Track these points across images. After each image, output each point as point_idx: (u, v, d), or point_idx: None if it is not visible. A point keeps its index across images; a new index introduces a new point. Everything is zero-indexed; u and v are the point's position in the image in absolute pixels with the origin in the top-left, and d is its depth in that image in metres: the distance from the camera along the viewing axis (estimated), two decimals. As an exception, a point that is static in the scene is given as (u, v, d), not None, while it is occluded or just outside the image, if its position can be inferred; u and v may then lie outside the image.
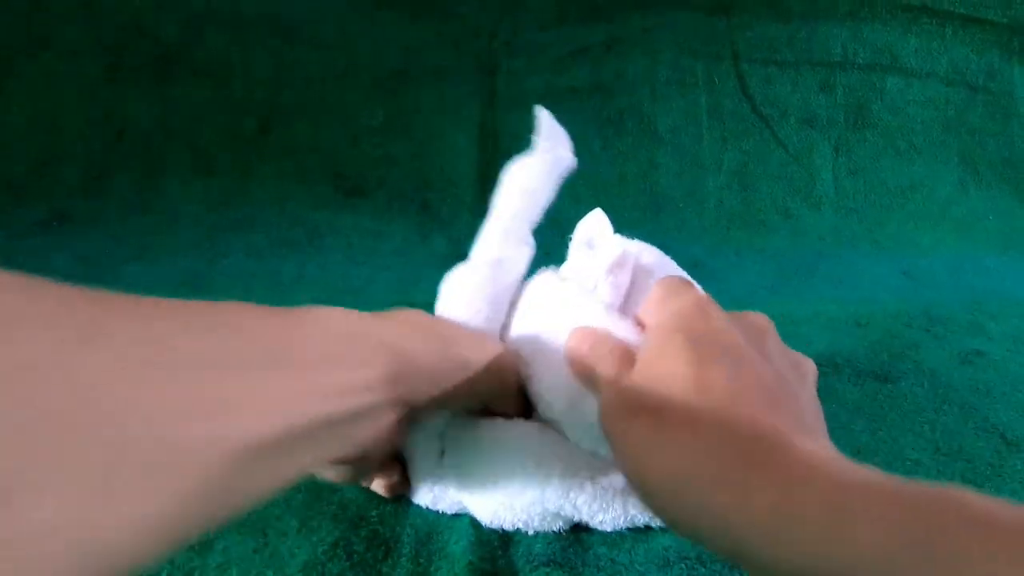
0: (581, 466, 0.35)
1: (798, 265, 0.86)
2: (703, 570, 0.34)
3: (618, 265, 0.35)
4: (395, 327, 0.30)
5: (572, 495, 0.35)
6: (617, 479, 0.36)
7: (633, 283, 0.36)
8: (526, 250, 0.38)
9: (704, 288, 0.34)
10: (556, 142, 0.39)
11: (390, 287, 0.37)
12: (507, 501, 0.35)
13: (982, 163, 0.98)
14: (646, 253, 0.37)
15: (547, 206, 0.39)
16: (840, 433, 0.47)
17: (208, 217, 0.88)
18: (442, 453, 0.38)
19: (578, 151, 0.38)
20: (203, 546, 0.35)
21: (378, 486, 0.39)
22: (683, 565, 0.34)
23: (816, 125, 0.96)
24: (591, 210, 0.39)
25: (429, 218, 0.83)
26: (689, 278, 0.35)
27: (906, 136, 0.97)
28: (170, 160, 0.92)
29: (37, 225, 0.85)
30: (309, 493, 0.40)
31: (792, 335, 0.64)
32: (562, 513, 0.36)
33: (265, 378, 0.21)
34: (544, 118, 0.39)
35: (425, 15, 0.92)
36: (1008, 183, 0.98)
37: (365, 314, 0.29)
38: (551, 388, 0.35)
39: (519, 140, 0.96)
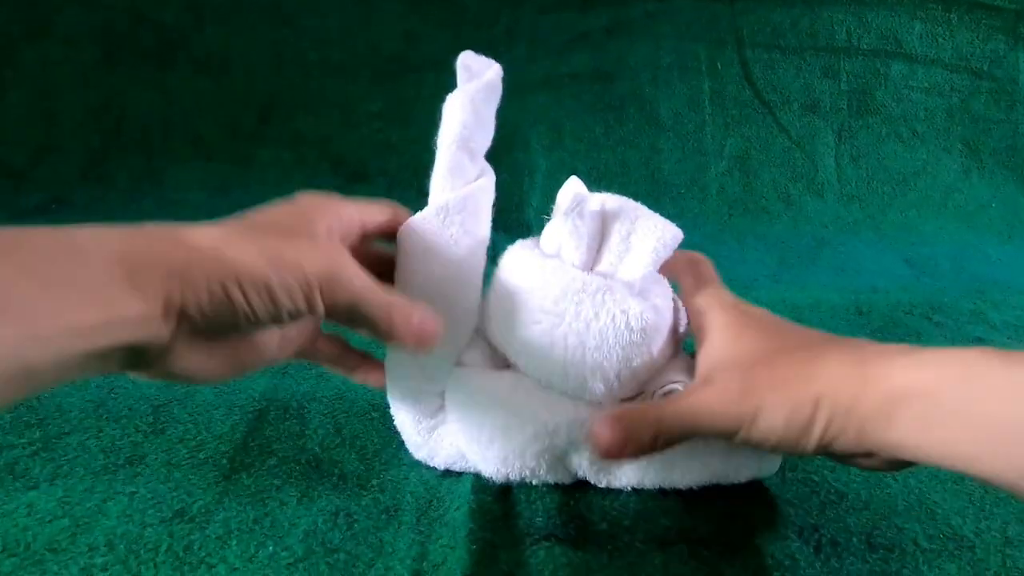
0: (586, 418, 0.36)
1: (800, 252, 0.85)
2: (705, 552, 0.34)
3: (572, 209, 0.35)
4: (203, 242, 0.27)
5: (579, 444, 0.36)
6: None
7: (604, 232, 0.37)
8: (482, 180, 0.37)
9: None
10: (476, 71, 0.37)
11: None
12: (517, 449, 0.36)
13: (986, 150, 0.98)
14: (610, 199, 0.37)
15: (486, 133, 0.37)
16: (841, 419, 0.47)
17: (208, 204, 0.88)
18: (441, 408, 0.39)
19: (579, 137, 0.38)
20: (203, 518, 0.36)
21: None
22: (684, 545, 0.35)
23: (819, 111, 0.95)
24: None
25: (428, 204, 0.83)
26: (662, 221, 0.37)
27: (909, 123, 0.96)
28: (170, 147, 0.92)
29: (36, 211, 0.85)
30: (309, 464, 0.40)
31: (793, 322, 0.65)
32: (567, 462, 0.37)
33: None
34: (461, 59, 0.37)
35: (425, 2, 0.91)
36: (1012, 171, 0.97)
37: (157, 233, 0.27)
38: (527, 366, 0.37)
39: (518, 126, 0.96)
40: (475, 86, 0.35)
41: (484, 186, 0.36)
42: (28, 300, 0.22)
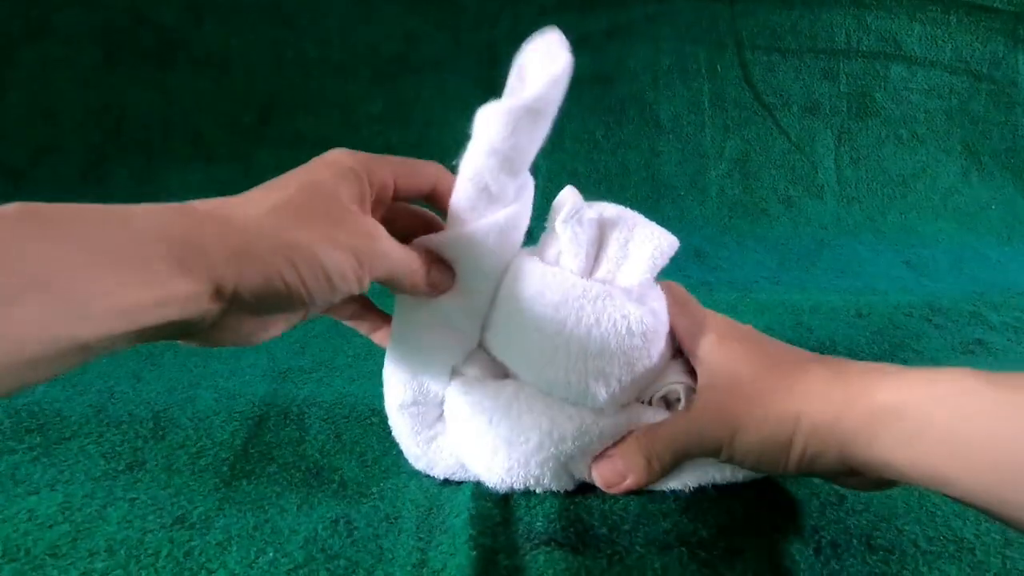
0: (590, 424, 0.36)
1: (800, 254, 0.86)
2: (704, 554, 0.34)
3: (571, 217, 0.35)
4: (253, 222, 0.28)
5: (584, 451, 0.37)
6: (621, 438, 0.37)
7: (602, 240, 0.37)
8: (499, 216, 0.34)
9: (705, 277, 0.35)
10: (531, 72, 0.33)
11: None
12: (522, 459, 0.36)
13: (985, 152, 0.98)
14: (608, 208, 0.37)
15: (521, 157, 0.34)
16: (841, 423, 0.47)
17: (208, 206, 0.88)
18: (439, 418, 0.39)
19: (579, 140, 0.38)
20: (203, 524, 0.36)
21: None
22: (683, 549, 0.35)
23: (819, 113, 0.95)
24: (592, 200, 0.39)
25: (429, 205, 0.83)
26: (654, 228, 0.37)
27: (909, 125, 0.96)
28: (169, 149, 0.92)
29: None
30: (309, 471, 0.40)
31: (793, 324, 0.65)
32: (572, 468, 0.38)
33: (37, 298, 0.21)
34: (522, 55, 0.33)
35: (425, 4, 0.91)
36: (1011, 172, 0.97)
37: (206, 210, 0.27)
38: (529, 374, 0.37)
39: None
40: (501, 110, 0.32)
41: (502, 225, 0.34)
42: (81, 278, 0.22)
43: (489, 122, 0.32)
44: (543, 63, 0.33)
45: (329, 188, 0.31)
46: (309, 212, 0.29)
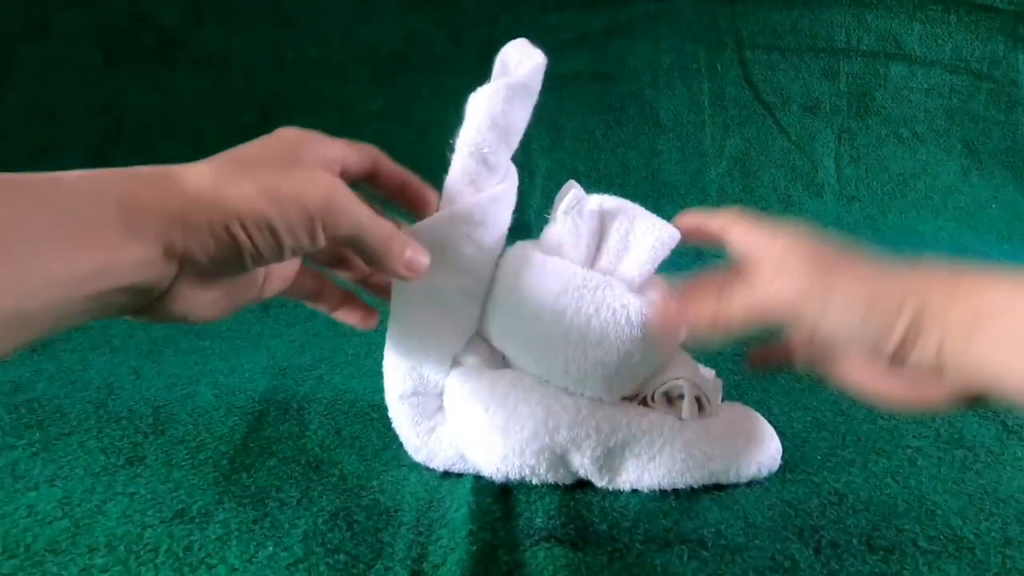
0: (587, 416, 0.36)
1: (799, 253, 0.85)
2: (704, 552, 0.34)
3: (572, 208, 0.35)
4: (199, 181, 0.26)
5: (579, 442, 0.36)
6: (619, 434, 0.37)
7: (603, 231, 0.37)
8: (496, 190, 0.35)
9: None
10: (513, 65, 0.36)
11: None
12: (517, 448, 0.36)
13: (985, 151, 0.98)
14: (609, 200, 0.37)
15: (511, 136, 0.35)
16: (841, 420, 0.47)
17: (208, 205, 0.88)
18: (439, 408, 0.39)
19: (579, 138, 0.38)
20: (202, 518, 0.36)
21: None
22: (683, 546, 0.35)
23: (819, 112, 0.95)
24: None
25: (429, 206, 0.83)
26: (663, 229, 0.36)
27: (909, 124, 0.96)
28: (169, 148, 0.92)
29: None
30: (308, 465, 0.40)
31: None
32: (568, 461, 0.37)
33: None
34: (502, 53, 0.35)
35: (424, 3, 0.91)
36: (1011, 171, 0.97)
37: (149, 174, 0.26)
38: (528, 363, 0.37)
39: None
40: (498, 85, 0.34)
41: (497, 197, 0.35)
42: (24, 245, 0.21)
43: (490, 96, 0.33)
44: (523, 56, 0.35)
45: (278, 147, 0.30)
46: (256, 167, 0.28)
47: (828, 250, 0.31)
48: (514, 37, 0.36)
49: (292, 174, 0.28)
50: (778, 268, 0.31)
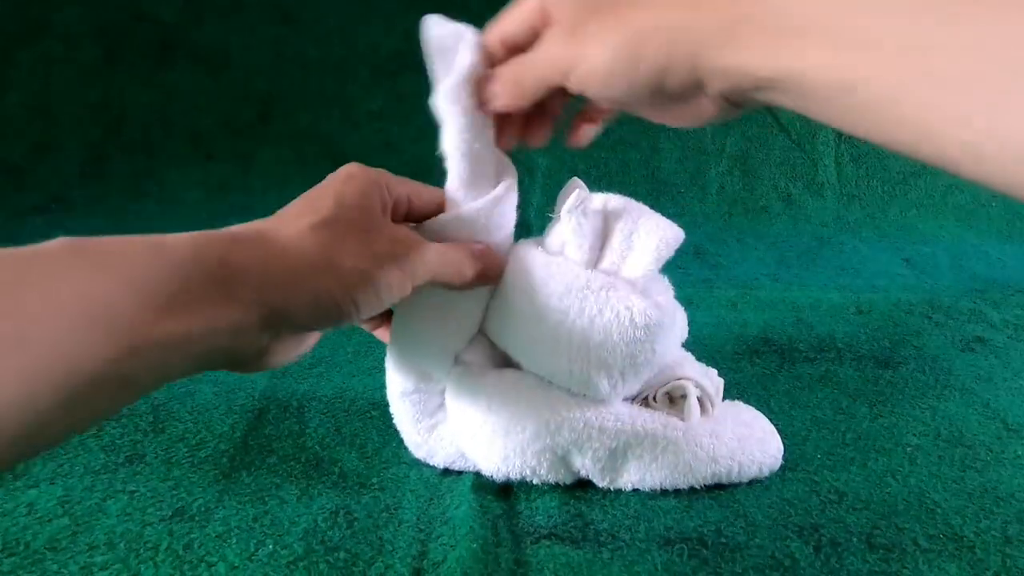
0: (589, 417, 0.36)
1: (800, 251, 0.85)
2: (705, 551, 0.34)
3: (576, 207, 0.35)
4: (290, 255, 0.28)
5: (581, 443, 0.36)
6: (622, 436, 0.36)
7: (607, 231, 0.37)
8: (498, 190, 0.36)
9: (706, 274, 0.35)
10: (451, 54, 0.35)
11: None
12: (518, 448, 0.36)
13: (985, 150, 0.97)
14: (613, 199, 0.37)
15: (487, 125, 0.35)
16: (841, 418, 0.47)
17: (207, 203, 0.88)
18: (440, 406, 0.39)
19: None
20: (203, 516, 0.36)
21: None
22: (684, 545, 0.35)
23: (819, 111, 0.95)
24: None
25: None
26: None
27: (909, 123, 0.96)
28: (169, 146, 0.92)
29: (35, 209, 0.85)
30: (308, 463, 0.40)
31: (793, 321, 0.65)
32: (569, 461, 0.37)
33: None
34: (431, 36, 0.36)
35: (425, 2, 0.91)
36: (1011, 170, 0.97)
37: (247, 238, 0.27)
38: (531, 363, 0.37)
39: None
40: (455, 83, 0.34)
41: (501, 197, 0.36)
42: (126, 312, 0.22)
43: (452, 94, 0.34)
44: (454, 38, 0.35)
45: (358, 200, 0.31)
46: (346, 226, 0.29)
47: None
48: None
49: (386, 236, 0.30)
50: (554, 23, 0.32)
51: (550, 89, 0.32)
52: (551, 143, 0.38)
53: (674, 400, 0.39)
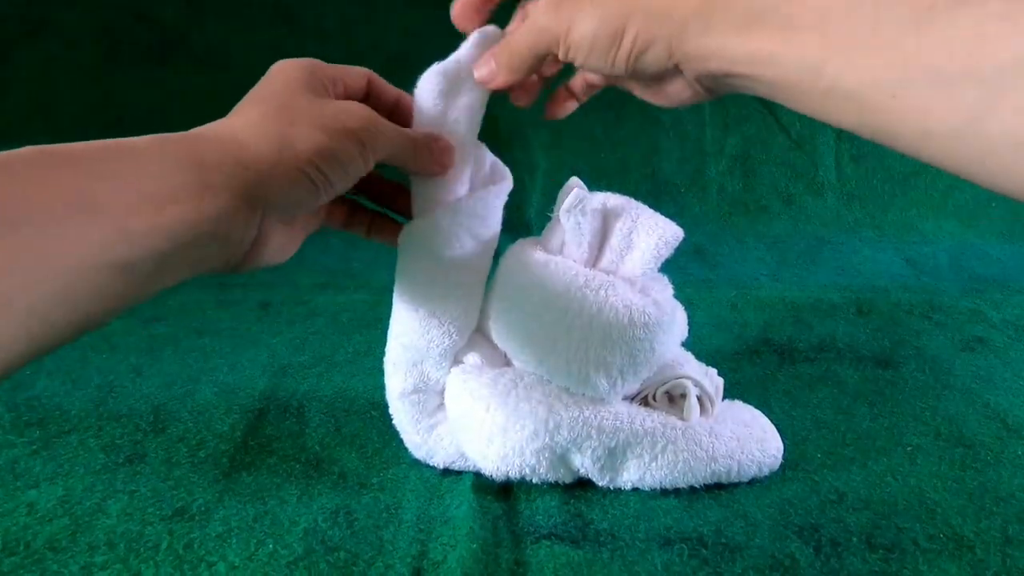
0: (588, 416, 0.36)
1: (800, 251, 0.85)
2: (704, 551, 0.34)
3: (575, 207, 0.35)
4: (245, 127, 0.29)
5: (580, 442, 0.36)
6: (621, 434, 0.37)
7: (606, 230, 0.37)
8: (495, 186, 0.36)
9: (706, 274, 0.35)
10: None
11: (390, 270, 0.37)
12: (517, 447, 0.36)
13: (986, 150, 0.97)
14: (612, 198, 0.37)
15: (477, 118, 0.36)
16: (841, 418, 0.47)
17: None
18: (440, 406, 0.39)
19: (579, 136, 0.38)
20: (203, 516, 0.36)
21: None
22: (684, 545, 0.35)
23: (819, 111, 0.95)
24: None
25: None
26: None
27: (910, 122, 0.96)
28: (170, 146, 0.92)
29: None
30: (309, 463, 0.40)
31: (793, 321, 0.65)
32: (569, 461, 0.37)
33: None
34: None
35: (425, 1, 0.91)
36: (1012, 170, 0.97)
37: (209, 133, 0.29)
38: (530, 362, 0.37)
39: (519, 125, 0.96)
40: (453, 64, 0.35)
41: (496, 191, 0.36)
42: (108, 203, 0.23)
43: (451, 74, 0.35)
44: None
45: (297, 85, 0.32)
46: (293, 111, 0.30)
47: None
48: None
49: (331, 109, 0.31)
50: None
51: (541, 58, 0.33)
52: (551, 143, 0.38)
53: (673, 399, 0.39)
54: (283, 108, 0.30)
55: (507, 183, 0.37)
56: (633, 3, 0.29)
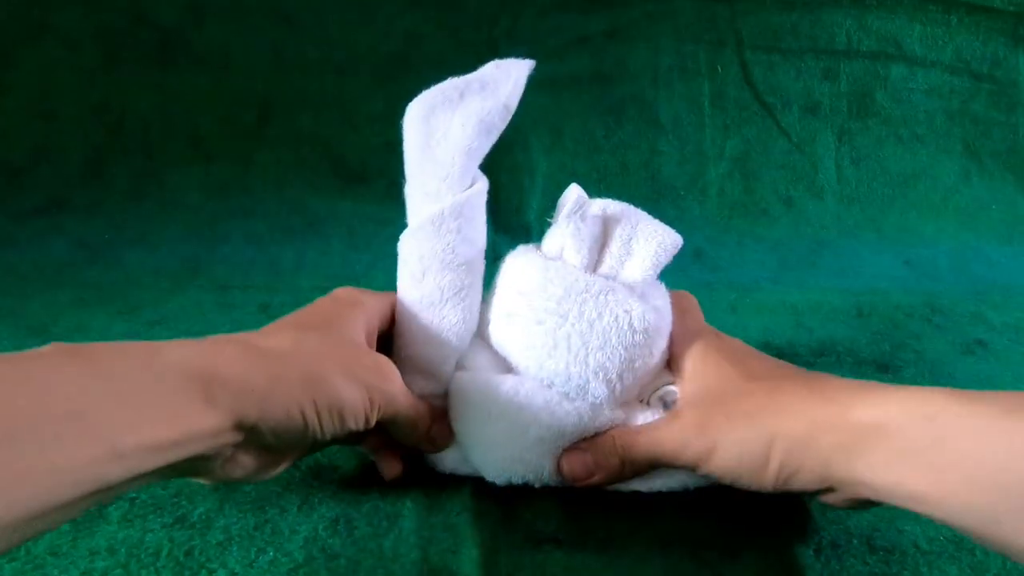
0: (588, 420, 0.36)
1: (800, 254, 0.85)
2: (705, 555, 0.34)
3: (575, 212, 0.36)
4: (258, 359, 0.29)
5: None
6: None
7: (605, 236, 0.37)
8: (478, 186, 0.36)
9: (706, 277, 0.35)
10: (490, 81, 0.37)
11: (391, 273, 0.37)
12: (519, 453, 0.36)
13: (985, 152, 0.97)
14: (612, 204, 0.37)
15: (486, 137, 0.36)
16: (841, 422, 0.47)
17: (208, 205, 0.88)
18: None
19: (579, 139, 0.38)
20: (203, 524, 0.36)
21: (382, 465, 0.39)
22: (684, 549, 0.35)
23: (819, 113, 0.95)
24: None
25: (430, 207, 0.82)
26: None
27: (909, 125, 0.96)
28: (169, 148, 0.92)
29: (35, 212, 0.85)
30: (309, 471, 0.40)
31: (793, 324, 0.65)
32: None
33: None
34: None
35: (425, 3, 0.91)
36: (1012, 172, 0.97)
37: (230, 344, 0.29)
38: (529, 368, 0.37)
39: (519, 128, 0.96)
40: (491, 105, 0.35)
41: (480, 191, 0.36)
42: (108, 417, 0.23)
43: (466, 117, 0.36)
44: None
45: (344, 322, 0.33)
46: (329, 346, 0.31)
47: (720, 374, 0.35)
48: (514, 38, 0.36)
49: (360, 360, 0.32)
50: (676, 411, 0.35)
51: (654, 467, 0.35)
52: (551, 146, 0.38)
53: (667, 404, 0.39)
54: (313, 338, 0.31)
55: (484, 182, 0.37)
56: (772, 426, 0.30)
